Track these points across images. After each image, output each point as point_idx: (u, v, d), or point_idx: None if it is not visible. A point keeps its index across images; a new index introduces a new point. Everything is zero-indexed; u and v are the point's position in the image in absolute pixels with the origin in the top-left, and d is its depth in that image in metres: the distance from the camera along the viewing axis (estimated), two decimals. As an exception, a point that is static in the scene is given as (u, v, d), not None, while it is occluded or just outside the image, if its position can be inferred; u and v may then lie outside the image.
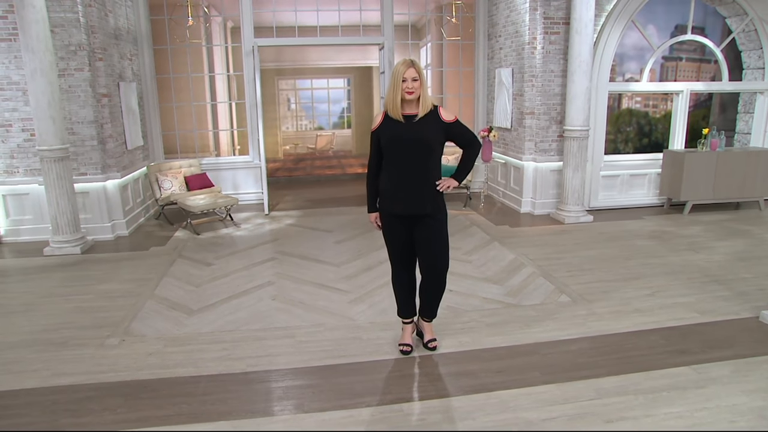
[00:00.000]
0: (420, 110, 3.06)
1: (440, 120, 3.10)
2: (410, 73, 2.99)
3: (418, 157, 3.08)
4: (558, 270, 5.04)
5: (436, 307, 3.45)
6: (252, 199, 8.06)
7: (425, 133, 3.06)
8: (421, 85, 3.03)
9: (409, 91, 3.00)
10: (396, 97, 3.02)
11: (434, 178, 3.15)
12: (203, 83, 8.70)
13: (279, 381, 3.18)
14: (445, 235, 3.24)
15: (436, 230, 3.20)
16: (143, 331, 3.87)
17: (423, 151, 3.08)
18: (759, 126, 8.08)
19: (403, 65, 3.00)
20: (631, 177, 7.58)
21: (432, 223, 3.18)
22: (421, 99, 3.05)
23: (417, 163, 3.09)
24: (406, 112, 3.08)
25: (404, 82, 3.00)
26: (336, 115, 12.82)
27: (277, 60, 11.12)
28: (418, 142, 3.06)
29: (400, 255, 3.33)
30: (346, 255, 5.63)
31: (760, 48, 7.90)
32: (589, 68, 6.51)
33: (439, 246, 3.23)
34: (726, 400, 2.92)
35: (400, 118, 3.06)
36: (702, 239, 5.98)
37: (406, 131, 3.06)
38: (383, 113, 3.16)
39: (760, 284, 4.62)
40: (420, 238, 3.21)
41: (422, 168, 3.10)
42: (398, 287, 3.44)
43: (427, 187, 3.12)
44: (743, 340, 3.63)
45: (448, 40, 8.62)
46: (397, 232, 3.25)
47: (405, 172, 3.11)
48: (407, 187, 3.12)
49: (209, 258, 5.55)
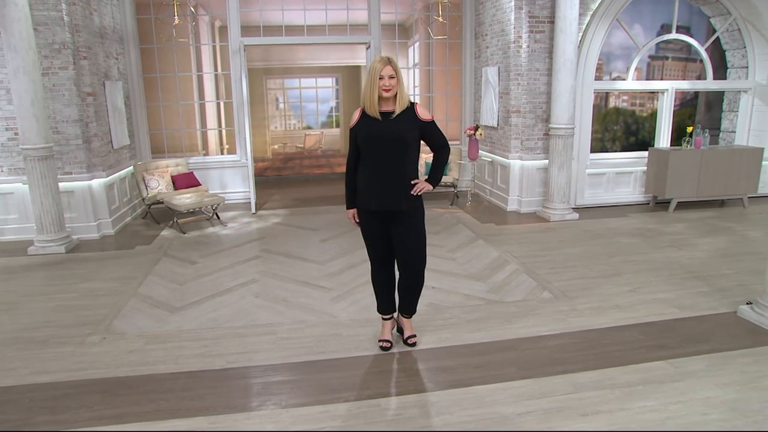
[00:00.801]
0: (397, 107, 3.07)
1: (417, 117, 3.12)
2: (387, 71, 3.00)
3: (394, 154, 3.10)
4: (541, 267, 5.07)
5: (414, 303, 3.47)
6: (239, 198, 8.05)
7: (401, 131, 3.08)
8: (398, 83, 3.04)
9: (386, 88, 3.01)
10: (373, 94, 3.04)
11: (410, 174, 3.16)
12: (191, 82, 8.68)
13: (258, 377, 3.19)
14: (421, 231, 3.26)
15: (412, 227, 3.21)
16: (125, 329, 3.86)
17: (399, 148, 3.09)
18: (743, 124, 8.17)
19: (380, 62, 3.02)
20: (617, 175, 7.64)
21: (408, 220, 3.20)
22: (398, 96, 3.06)
23: (393, 159, 3.11)
24: (383, 109, 3.09)
25: (381, 79, 3.01)
26: (324, 114, 12.81)
27: (265, 59, 11.11)
28: (394, 140, 3.07)
29: (378, 251, 3.34)
30: (331, 253, 5.64)
31: (744, 47, 7.98)
32: (574, 66, 6.56)
33: (415, 243, 3.24)
34: (700, 393, 2.95)
35: (377, 115, 3.08)
36: (685, 236, 6.03)
37: (382, 128, 3.08)
38: (360, 110, 3.17)
39: (739, 280, 4.67)
40: (396, 235, 3.23)
41: (398, 165, 3.11)
42: (377, 284, 3.46)
43: (402, 183, 3.14)
44: (720, 334, 3.67)
45: (435, 39, 8.65)
46: (374, 228, 3.27)
47: (381, 169, 3.12)
48: (383, 184, 3.13)
49: (194, 256, 5.55)
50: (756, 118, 8.06)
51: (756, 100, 8.01)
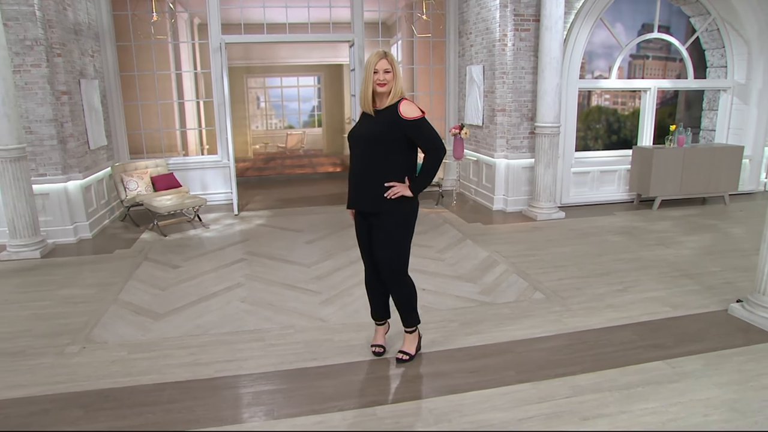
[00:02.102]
0: (387, 103, 2.94)
1: (397, 114, 2.88)
2: (382, 65, 2.88)
3: (367, 153, 2.95)
4: (531, 267, 5.03)
5: (405, 315, 3.24)
6: (221, 200, 7.87)
7: (376, 127, 2.93)
8: (395, 78, 2.90)
9: (380, 83, 2.89)
10: (367, 89, 2.92)
11: (386, 176, 2.95)
12: (170, 81, 8.46)
13: (248, 386, 3.07)
14: (393, 236, 3.02)
15: (383, 230, 3.02)
16: (105, 337, 3.70)
17: (372, 147, 2.93)
18: (723, 123, 8.27)
19: (375, 56, 2.90)
20: (601, 173, 7.66)
21: (381, 223, 3.01)
22: (392, 93, 2.93)
23: (366, 159, 2.96)
24: (377, 105, 2.97)
25: (376, 73, 2.89)
26: (306, 113, 12.63)
27: (245, 58, 10.91)
28: (367, 138, 2.95)
29: (362, 253, 3.24)
30: (317, 255, 5.53)
31: (723, 47, 8.08)
32: (560, 65, 6.55)
33: (384, 248, 3.03)
34: (699, 394, 2.93)
35: (370, 111, 2.97)
36: (671, 234, 6.06)
37: (365, 125, 2.98)
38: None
39: (727, 278, 4.69)
40: (372, 237, 3.11)
41: (371, 164, 2.95)
42: (366, 287, 3.33)
43: (372, 184, 2.95)
44: (713, 333, 3.66)
45: (419, 37, 8.58)
46: (359, 228, 3.18)
47: (355, 168, 3.03)
48: (355, 183, 3.04)
49: (176, 260, 5.38)
50: (735, 116, 8.17)
51: (735, 99, 8.12)
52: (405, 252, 3.10)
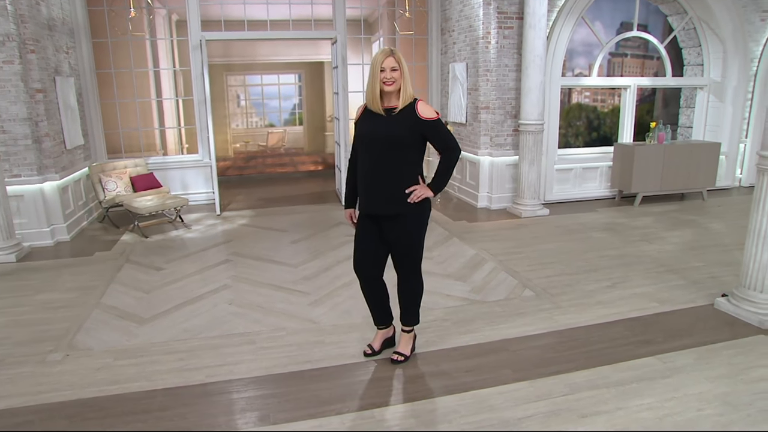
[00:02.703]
0: (400, 103, 2.88)
1: (416, 116, 2.89)
2: (389, 63, 2.81)
3: (385, 154, 2.90)
4: (519, 264, 5.05)
5: (412, 312, 3.24)
6: (202, 200, 7.73)
7: (396, 129, 2.86)
8: (402, 76, 2.84)
9: (387, 81, 2.83)
10: (374, 88, 2.84)
11: (404, 178, 2.94)
12: (148, 79, 8.27)
13: (241, 391, 3.00)
14: (414, 236, 3.04)
15: (408, 230, 3.01)
16: (89, 344, 3.58)
17: (390, 148, 2.88)
18: (699, 120, 8.44)
19: (381, 54, 2.83)
20: (583, 170, 7.74)
21: (404, 223, 2.99)
22: (402, 91, 2.87)
23: (384, 160, 2.90)
24: (386, 105, 2.90)
25: (382, 72, 2.82)
26: (287, 111, 12.48)
27: (225, 55, 10.71)
28: (385, 139, 2.87)
29: (365, 258, 3.11)
30: (303, 255, 5.46)
31: (699, 45, 8.24)
32: (543, 62, 6.58)
33: (406, 248, 3.05)
34: (692, 389, 2.96)
35: (380, 111, 2.89)
36: (653, 230, 6.15)
37: (378, 126, 2.89)
38: (363, 106, 3.01)
39: (710, 272, 4.78)
40: (389, 239, 3.04)
41: (389, 166, 2.91)
42: (365, 296, 3.24)
43: (391, 187, 2.92)
44: (702, 327, 3.72)
45: (401, 34, 8.54)
46: (367, 231, 3.07)
47: (371, 170, 2.94)
48: (371, 186, 2.95)
49: (159, 262, 5.25)
50: (711, 113, 8.34)
51: (711, 97, 8.29)
52: (422, 248, 3.14)
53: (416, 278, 3.19)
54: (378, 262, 3.13)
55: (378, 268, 3.15)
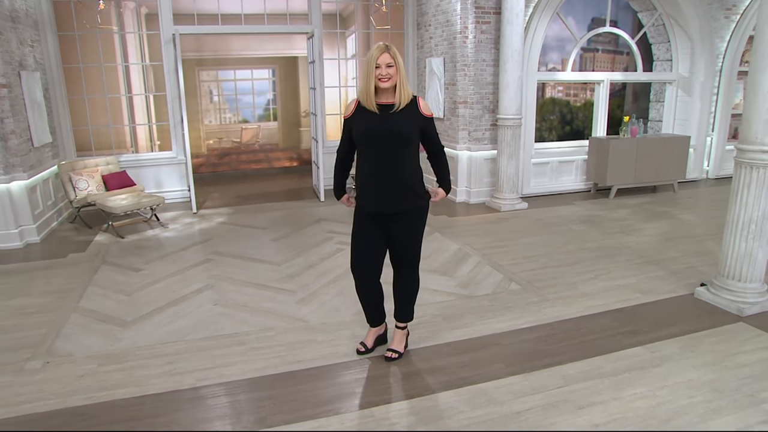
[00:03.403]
0: (398, 100, 2.83)
1: (419, 112, 2.89)
2: (384, 59, 2.77)
3: (393, 151, 2.86)
4: (503, 258, 5.09)
5: (410, 308, 3.25)
6: (177, 198, 7.55)
7: (402, 126, 2.83)
8: (398, 72, 2.80)
9: (383, 78, 2.79)
10: (369, 85, 2.80)
11: (412, 174, 2.93)
12: (117, 74, 8.01)
13: (235, 394, 2.93)
14: (421, 231, 3.08)
15: (412, 225, 3.02)
16: (70, 349, 3.45)
17: (398, 144, 2.85)
18: (669, 114, 8.66)
19: (377, 50, 2.78)
20: (559, 164, 7.86)
21: (411, 218, 3.00)
22: (399, 87, 2.82)
23: (392, 157, 2.86)
24: (381, 101, 2.86)
25: (378, 68, 2.77)
26: (261, 107, 12.26)
27: (197, 50, 10.44)
28: (394, 135, 2.83)
29: (366, 258, 3.07)
30: (285, 253, 5.38)
31: (668, 41, 8.44)
32: (521, 57, 6.63)
33: (413, 243, 3.07)
34: (681, 377, 3.03)
35: (374, 108, 2.85)
36: (630, 222, 6.29)
37: (380, 123, 2.84)
38: (356, 101, 2.95)
39: (687, 262, 4.91)
40: (394, 234, 3.01)
41: (398, 163, 2.87)
42: (365, 291, 3.19)
43: (401, 183, 2.90)
44: (684, 316, 3.81)
45: (377, 29, 8.49)
46: (369, 230, 3.02)
47: (379, 167, 2.89)
48: (381, 184, 2.89)
49: (137, 263, 5.10)
50: (680, 108, 8.57)
51: (679, 92, 8.51)
52: (421, 245, 3.17)
53: (415, 275, 3.20)
54: (378, 262, 3.10)
55: (378, 269, 3.12)
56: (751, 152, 3.67)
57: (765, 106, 3.58)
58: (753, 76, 3.63)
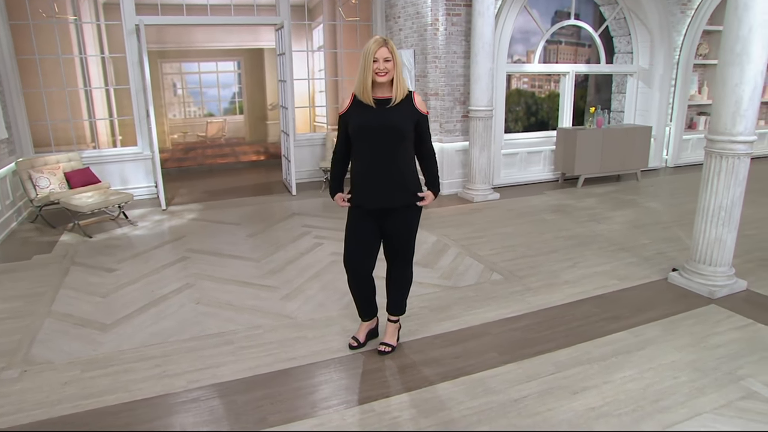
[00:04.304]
0: (394, 94, 2.82)
1: (414, 108, 2.88)
2: (382, 53, 2.74)
3: (389, 145, 2.84)
4: (482, 249, 5.16)
5: (403, 301, 3.27)
6: (144, 194, 7.31)
7: (398, 120, 2.82)
8: (395, 67, 2.78)
9: (380, 73, 2.76)
10: (366, 79, 2.77)
11: (407, 169, 2.92)
12: (74, 66, 7.65)
13: (230, 395, 2.88)
14: (416, 225, 3.09)
15: (408, 220, 3.02)
16: (49, 356, 3.30)
17: (394, 139, 2.83)
18: (630, 105, 8.94)
19: (374, 44, 2.75)
20: (528, 154, 8.01)
21: (406, 214, 2.99)
22: (395, 82, 2.80)
23: (388, 152, 2.85)
24: (377, 95, 2.83)
25: (375, 62, 2.75)
26: (227, 100, 11.97)
27: (159, 41, 10.06)
28: (389, 130, 2.81)
29: (360, 254, 3.06)
30: (263, 248, 5.30)
31: (629, 35, 8.70)
32: (492, 49, 6.70)
33: (408, 237, 3.08)
34: (665, 359, 3.16)
35: (370, 102, 2.82)
36: (599, 210, 6.48)
37: (376, 117, 2.82)
38: (351, 96, 2.91)
39: (658, 248, 5.10)
40: (390, 229, 3.01)
41: (394, 158, 2.86)
42: (356, 291, 3.18)
43: (398, 178, 2.89)
44: (661, 300, 3.97)
45: (346, 21, 8.41)
46: (365, 226, 3.00)
47: (375, 162, 2.87)
48: (377, 179, 2.88)
49: (110, 263, 4.92)
50: (640, 98, 8.87)
51: (640, 83, 8.80)
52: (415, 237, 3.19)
53: (410, 268, 3.21)
54: (372, 257, 3.10)
55: (371, 264, 3.12)
56: (721, 142, 3.84)
57: (733, 99, 3.74)
58: (722, 70, 3.78)
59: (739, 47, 3.65)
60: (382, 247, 3.16)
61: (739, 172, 3.84)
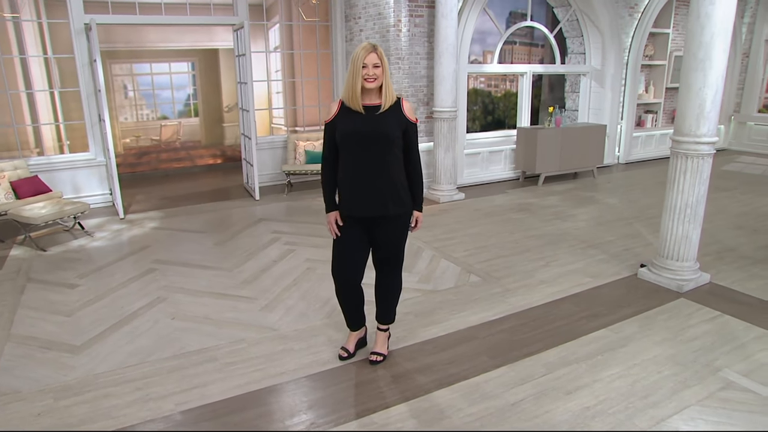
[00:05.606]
0: (383, 101, 2.79)
1: (403, 115, 2.85)
2: (371, 59, 2.71)
3: (377, 152, 2.80)
4: (455, 250, 5.20)
5: (388, 307, 3.23)
6: (99, 202, 6.95)
7: (386, 127, 2.78)
8: (384, 73, 2.76)
9: (369, 79, 2.73)
10: (356, 85, 2.73)
11: (397, 175, 2.89)
12: (14, 67, 7.18)
13: (223, 415, 2.76)
14: (406, 232, 3.06)
15: (398, 228, 2.99)
16: (16, 385, 3.06)
17: (383, 146, 2.80)
18: (584, 104, 9.24)
19: (363, 50, 2.72)
20: (490, 154, 8.14)
21: (396, 222, 2.96)
22: (384, 88, 2.78)
23: (377, 159, 2.81)
24: (366, 102, 2.80)
25: (364, 68, 2.71)
26: (181, 102, 11.54)
27: (107, 41, 9.54)
28: (378, 137, 2.77)
29: (351, 263, 3.01)
30: (234, 257, 5.14)
31: (581, 36, 8.98)
32: (455, 51, 6.76)
33: (398, 244, 3.05)
34: (646, 354, 3.27)
35: (359, 108, 2.78)
36: (562, 208, 6.66)
37: (366, 124, 2.78)
38: (339, 102, 2.85)
39: (624, 245, 5.29)
40: (380, 237, 2.98)
41: (383, 165, 2.82)
42: (346, 297, 3.13)
43: (388, 185, 2.85)
44: (634, 296, 4.11)
45: (305, 21, 8.27)
46: (354, 235, 2.96)
47: (364, 170, 2.82)
48: (367, 186, 2.84)
49: (71, 278, 4.64)
50: (593, 98, 9.18)
51: (593, 83, 9.11)
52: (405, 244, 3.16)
53: (400, 276, 3.19)
54: (361, 266, 3.06)
55: (360, 273, 3.07)
56: (686, 143, 4.01)
57: (697, 102, 3.92)
58: (686, 75, 3.95)
59: (702, 53, 3.82)
60: (371, 255, 3.12)
61: (704, 171, 4.03)
